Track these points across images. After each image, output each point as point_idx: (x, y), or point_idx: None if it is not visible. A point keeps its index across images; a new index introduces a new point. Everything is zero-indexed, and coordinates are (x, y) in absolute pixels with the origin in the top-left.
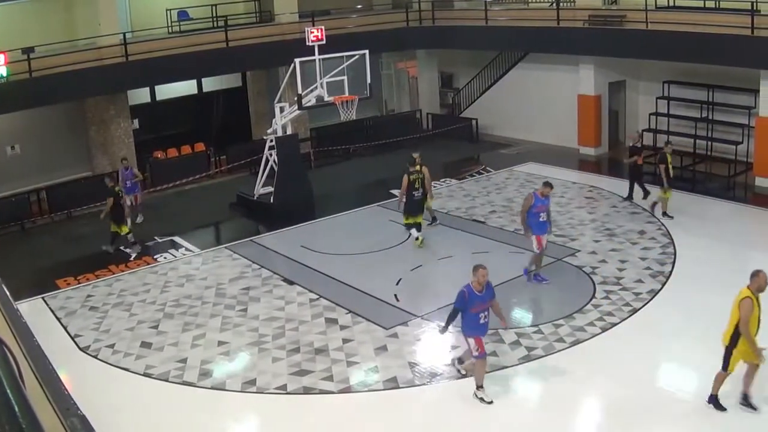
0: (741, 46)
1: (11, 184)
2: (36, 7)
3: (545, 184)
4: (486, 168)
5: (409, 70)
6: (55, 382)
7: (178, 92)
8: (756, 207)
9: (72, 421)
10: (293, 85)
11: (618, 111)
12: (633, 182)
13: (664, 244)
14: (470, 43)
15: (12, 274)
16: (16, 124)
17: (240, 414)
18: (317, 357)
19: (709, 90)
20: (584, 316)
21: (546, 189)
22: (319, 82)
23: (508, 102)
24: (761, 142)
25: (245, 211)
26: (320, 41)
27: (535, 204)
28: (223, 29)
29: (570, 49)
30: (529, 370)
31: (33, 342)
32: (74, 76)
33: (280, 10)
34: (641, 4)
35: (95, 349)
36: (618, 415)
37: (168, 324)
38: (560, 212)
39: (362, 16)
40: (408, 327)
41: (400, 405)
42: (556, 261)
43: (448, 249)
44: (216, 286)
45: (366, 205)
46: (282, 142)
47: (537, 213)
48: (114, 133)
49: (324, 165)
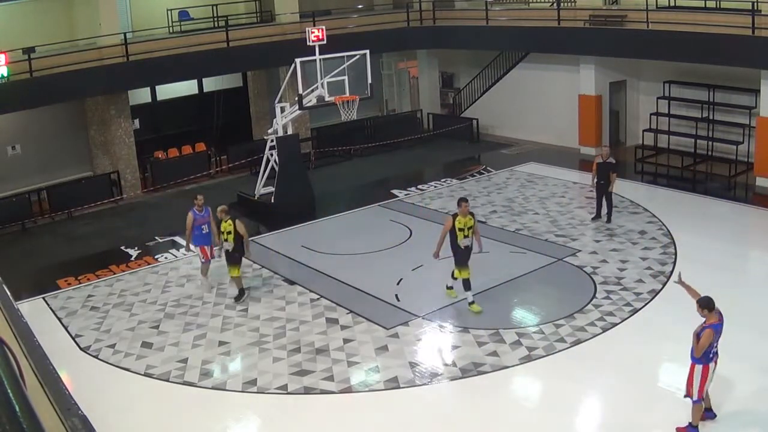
0: (742, 46)
1: (12, 184)
2: (36, 7)
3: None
4: (487, 168)
5: (409, 70)
6: (55, 382)
7: (179, 92)
8: (757, 207)
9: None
10: (294, 85)
11: (619, 111)
12: (601, 198)
13: (665, 244)
14: (471, 43)
15: (13, 274)
16: (16, 124)
17: (241, 414)
18: (318, 357)
19: (709, 90)
20: (585, 316)
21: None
22: (320, 82)
23: (508, 102)
24: (762, 142)
25: (246, 211)
26: (321, 41)
27: None
28: (223, 29)
29: (571, 49)
30: (529, 370)
31: (34, 342)
32: (75, 76)
33: (280, 10)
34: (642, 3)
35: (96, 349)
36: (618, 415)
37: (169, 324)
38: (561, 212)
39: (363, 16)
40: (409, 327)
41: (400, 405)
42: (557, 261)
43: (448, 249)
44: (217, 286)
45: (367, 205)
46: (283, 142)
47: None
48: (114, 133)
49: (325, 165)
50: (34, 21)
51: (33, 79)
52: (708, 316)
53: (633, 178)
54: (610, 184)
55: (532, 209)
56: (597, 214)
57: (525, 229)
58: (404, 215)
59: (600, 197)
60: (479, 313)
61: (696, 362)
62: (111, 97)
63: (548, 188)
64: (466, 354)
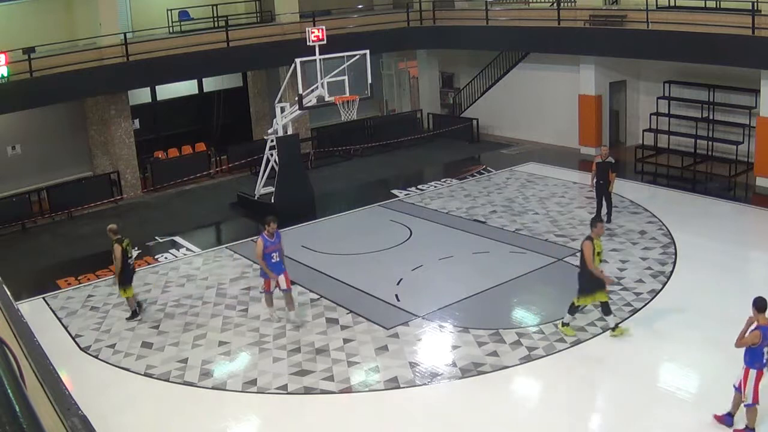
0: (742, 46)
1: (12, 184)
2: (36, 7)
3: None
4: (487, 168)
5: (409, 70)
6: (55, 383)
7: (179, 92)
8: (757, 207)
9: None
10: (294, 85)
11: (619, 111)
12: (601, 198)
13: (665, 244)
14: (471, 43)
15: (13, 274)
16: (16, 124)
17: (241, 414)
18: (318, 357)
19: (709, 90)
20: (585, 316)
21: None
22: (320, 82)
23: (508, 102)
24: (762, 142)
25: (246, 211)
26: (321, 41)
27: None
28: (223, 29)
29: (571, 49)
30: (529, 370)
31: (34, 342)
32: (75, 76)
33: (280, 10)
34: (642, 3)
35: (96, 349)
36: (618, 414)
37: (169, 324)
38: (561, 212)
39: (363, 16)
40: (409, 327)
41: (400, 405)
42: (557, 261)
43: (448, 249)
44: (217, 286)
45: (367, 205)
46: (283, 142)
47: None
48: (114, 133)
49: (325, 165)
50: (34, 21)
51: (33, 79)
52: (758, 318)
53: (633, 178)
54: (609, 183)
55: (532, 209)
56: (597, 214)
57: (525, 229)
58: (404, 215)
59: (600, 197)
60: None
61: (750, 366)
62: (111, 97)
63: (548, 188)
64: (466, 354)
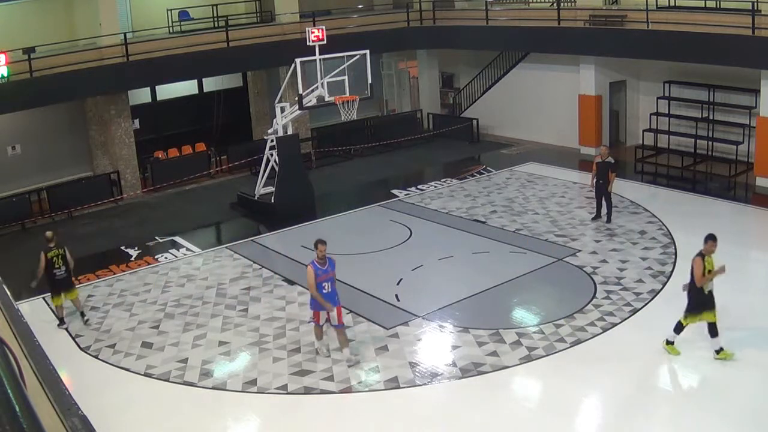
0: (742, 46)
1: (12, 184)
2: (36, 7)
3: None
4: (487, 168)
5: (409, 70)
6: (55, 383)
7: (179, 92)
8: (757, 207)
9: (73, 421)
10: (294, 85)
11: (619, 111)
12: (601, 198)
13: (665, 244)
14: (471, 43)
15: (12, 274)
16: (16, 124)
17: (241, 414)
18: (318, 357)
19: (709, 90)
20: (585, 316)
21: None
22: (320, 82)
23: (508, 102)
24: (762, 142)
25: (246, 211)
26: (321, 41)
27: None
28: (223, 29)
29: (571, 49)
30: (529, 370)
31: (34, 342)
32: (74, 76)
33: (280, 10)
34: (642, 3)
35: (96, 350)
36: (618, 414)
37: (169, 324)
38: (561, 212)
39: (363, 16)
40: (409, 327)
41: (400, 405)
42: (557, 261)
43: (448, 249)
44: (217, 286)
45: (367, 205)
46: (283, 142)
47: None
48: (114, 133)
49: (325, 165)
50: (34, 21)
51: (33, 79)
52: None
53: (633, 178)
54: (609, 183)
55: (532, 209)
56: (597, 214)
57: (525, 229)
58: (404, 215)
59: (599, 197)
60: None
61: None
62: (111, 97)
63: (548, 188)
64: (466, 354)
